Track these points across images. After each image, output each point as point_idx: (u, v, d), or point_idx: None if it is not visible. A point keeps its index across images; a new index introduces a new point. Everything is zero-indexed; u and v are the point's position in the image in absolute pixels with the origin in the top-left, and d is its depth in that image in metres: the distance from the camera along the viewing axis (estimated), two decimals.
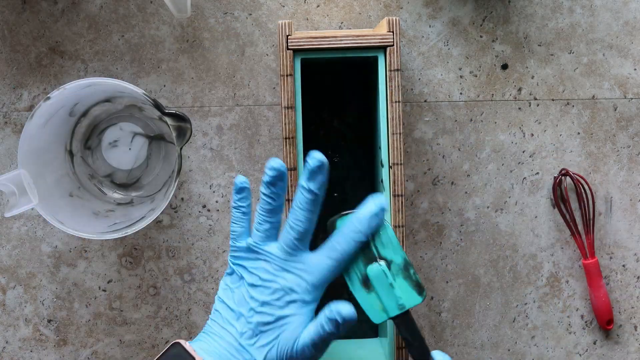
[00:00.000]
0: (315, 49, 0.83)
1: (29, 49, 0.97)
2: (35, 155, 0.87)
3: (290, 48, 0.83)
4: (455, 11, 0.98)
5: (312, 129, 0.95)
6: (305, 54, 0.84)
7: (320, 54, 0.84)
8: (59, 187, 0.91)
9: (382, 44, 0.84)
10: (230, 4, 0.97)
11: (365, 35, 0.84)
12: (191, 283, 0.99)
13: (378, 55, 0.84)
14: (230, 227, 0.79)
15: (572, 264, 1.00)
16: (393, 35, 0.83)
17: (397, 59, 0.83)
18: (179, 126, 0.84)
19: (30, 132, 0.85)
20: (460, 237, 0.99)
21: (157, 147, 0.98)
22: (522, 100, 0.99)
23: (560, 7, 0.98)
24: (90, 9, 0.97)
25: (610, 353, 1.00)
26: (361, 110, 0.96)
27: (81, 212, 0.91)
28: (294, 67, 0.83)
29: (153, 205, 0.90)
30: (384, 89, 0.84)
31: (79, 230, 0.86)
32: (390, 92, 0.83)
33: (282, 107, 0.83)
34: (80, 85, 0.85)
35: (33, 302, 0.98)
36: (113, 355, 0.99)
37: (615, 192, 0.99)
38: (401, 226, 0.84)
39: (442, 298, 0.99)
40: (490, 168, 0.99)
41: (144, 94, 0.84)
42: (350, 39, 0.84)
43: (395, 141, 0.84)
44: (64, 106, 0.88)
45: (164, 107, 0.84)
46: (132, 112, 0.96)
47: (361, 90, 0.95)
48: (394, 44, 0.83)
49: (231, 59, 0.97)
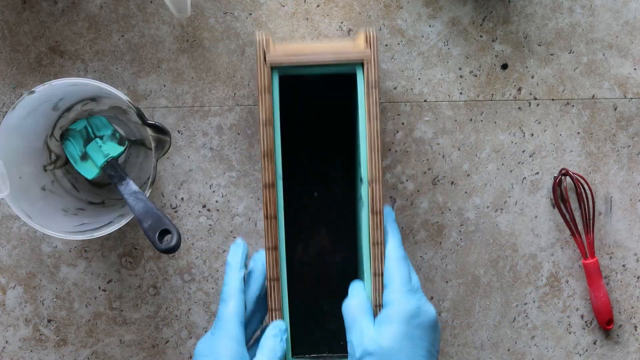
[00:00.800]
0: (293, 65, 0.82)
1: (29, 48, 0.97)
2: (13, 146, 0.87)
3: (267, 64, 0.82)
4: (455, 11, 0.98)
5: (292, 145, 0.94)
6: (284, 70, 0.83)
7: (298, 70, 0.83)
8: (34, 180, 0.91)
9: (360, 59, 0.82)
10: (230, 4, 0.97)
11: (343, 50, 0.83)
12: (191, 283, 0.99)
13: (356, 70, 0.83)
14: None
15: (572, 264, 1.00)
16: (370, 50, 0.82)
17: (375, 74, 0.82)
18: (159, 138, 0.85)
19: (10, 123, 0.85)
20: (460, 237, 0.99)
21: (136, 151, 0.97)
22: (522, 100, 0.99)
23: (560, 7, 0.98)
24: (90, 9, 0.97)
25: (610, 353, 1.00)
26: (344, 126, 0.94)
27: (52, 207, 0.91)
28: (272, 83, 0.82)
29: (123, 211, 0.90)
30: (363, 105, 0.83)
31: (45, 226, 0.86)
32: (368, 108, 0.82)
33: (260, 124, 0.82)
34: (66, 84, 0.85)
35: (33, 302, 0.99)
36: (113, 355, 0.99)
37: (615, 192, 0.99)
38: (379, 244, 0.82)
39: (442, 298, 0.99)
40: (490, 168, 0.99)
41: (128, 101, 0.84)
42: (328, 55, 0.82)
43: (373, 158, 0.82)
44: (48, 100, 0.88)
45: (145, 116, 0.85)
46: (116, 114, 0.96)
47: (345, 105, 0.94)
48: (372, 60, 0.82)
49: (231, 59, 0.97)
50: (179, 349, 0.99)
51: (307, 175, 0.95)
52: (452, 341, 1.00)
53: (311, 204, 0.96)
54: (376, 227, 0.82)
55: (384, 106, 0.98)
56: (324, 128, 0.95)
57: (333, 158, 0.95)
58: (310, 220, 0.95)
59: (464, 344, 1.00)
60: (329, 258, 0.95)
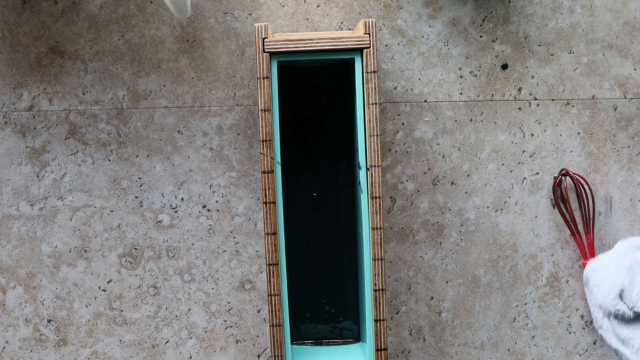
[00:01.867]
0: (291, 51, 0.83)
1: (29, 49, 0.97)
2: None
3: (266, 51, 0.82)
4: (455, 11, 0.98)
5: (292, 132, 0.95)
6: (282, 57, 0.84)
7: (297, 57, 0.84)
8: None
9: (359, 46, 0.83)
10: (230, 4, 0.97)
11: (342, 37, 0.84)
12: (191, 283, 0.99)
13: (355, 58, 0.84)
14: None
15: (572, 264, 1.00)
16: (369, 37, 0.83)
17: (374, 60, 0.83)
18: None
19: None
20: (460, 237, 0.99)
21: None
22: (522, 100, 0.99)
23: (560, 7, 0.98)
24: (90, 9, 0.97)
25: (610, 353, 1.00)
26: (343, 114, 0.95)
27: None
28: (271, 70, 0.83)
29: None
30: (361, 91, 0.84)
31: None
32: (367, 94, 0.83)
33: (259, 110, 0.83)
34: None
35: (33, 302, 0.99)
36: (113, 355, 0.99)
37: (615, 192, 0.99)
38: (379, 228, 0.83)
39: (442, 298, 0.99)
40: (490, 168, 0.99)
41: None
42: (327, 42, 0.83)
43: (372, 143, 0.83)
44: None
45: None
46: None
47: (344, 93, 0.95)
48: (370, 46, 0.83)
49: (231, 59, 0.97)
50: (179, 349, 0.99)
51: (306, 167, 0.96)
52: (452, 341, 1.00)
53: (310, 194, 0.96)
54: (375, 212, 0.83)
55: (384, 106, 0.98)
56: (323, 118, 0.96)
57: (333, 150, 0.96)
58: (309, 209, 0.96)
59: (464, 344, 1.00)
60: (328, 244, 0.96)
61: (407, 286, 0.99)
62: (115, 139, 0.98)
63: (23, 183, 0.98)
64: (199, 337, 0.98)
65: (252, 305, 0.98)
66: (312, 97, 0.95)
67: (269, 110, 0.82)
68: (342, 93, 0.94)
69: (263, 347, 0.99)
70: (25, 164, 0.98)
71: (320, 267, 0.96)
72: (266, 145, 0.83)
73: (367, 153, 0.83)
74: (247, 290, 0.98)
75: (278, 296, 0.83)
